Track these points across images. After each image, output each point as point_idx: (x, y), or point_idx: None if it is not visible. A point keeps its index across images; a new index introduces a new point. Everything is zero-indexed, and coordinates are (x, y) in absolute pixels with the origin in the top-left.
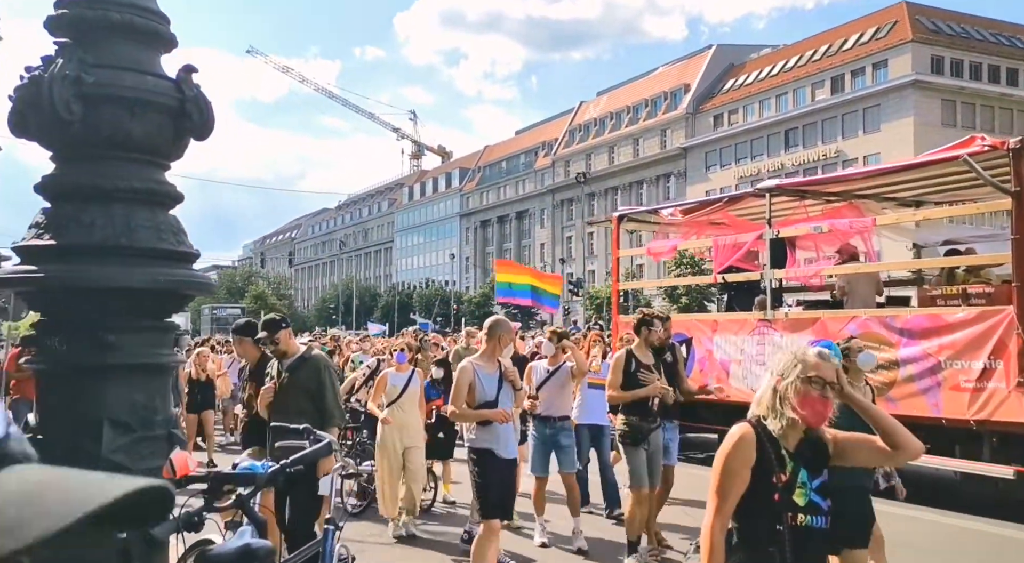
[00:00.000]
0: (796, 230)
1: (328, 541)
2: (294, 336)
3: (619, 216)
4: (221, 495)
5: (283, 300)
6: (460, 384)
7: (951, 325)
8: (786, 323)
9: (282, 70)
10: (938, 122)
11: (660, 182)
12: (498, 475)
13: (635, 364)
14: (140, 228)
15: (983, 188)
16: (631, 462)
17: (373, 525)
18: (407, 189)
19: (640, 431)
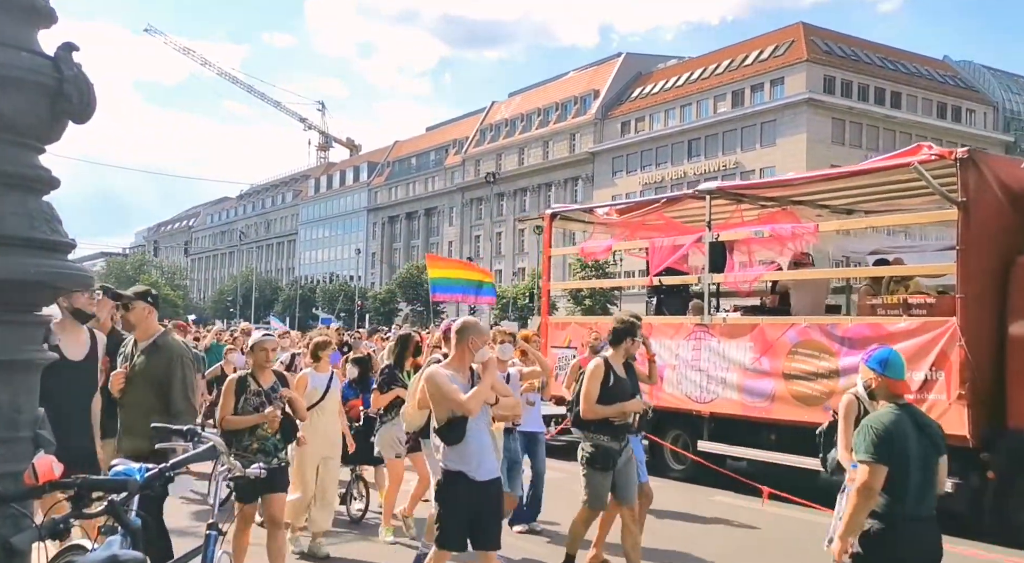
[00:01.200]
0: (736, 234)
1: (210, 547)
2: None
3: (552, 214)
4: (90, 502)
5: (178, 290)
6: (434, 396)
7: (893, 335)
8: (724, 328)
9: (183, 51)
10: (828, 139)
11: (568, 185)
12: (466, 500)
13: (612, 376)
14: (8, 215)
15: (918, 198)
16: (593, 485)
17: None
18: (313, 181)
19: (610, 455)
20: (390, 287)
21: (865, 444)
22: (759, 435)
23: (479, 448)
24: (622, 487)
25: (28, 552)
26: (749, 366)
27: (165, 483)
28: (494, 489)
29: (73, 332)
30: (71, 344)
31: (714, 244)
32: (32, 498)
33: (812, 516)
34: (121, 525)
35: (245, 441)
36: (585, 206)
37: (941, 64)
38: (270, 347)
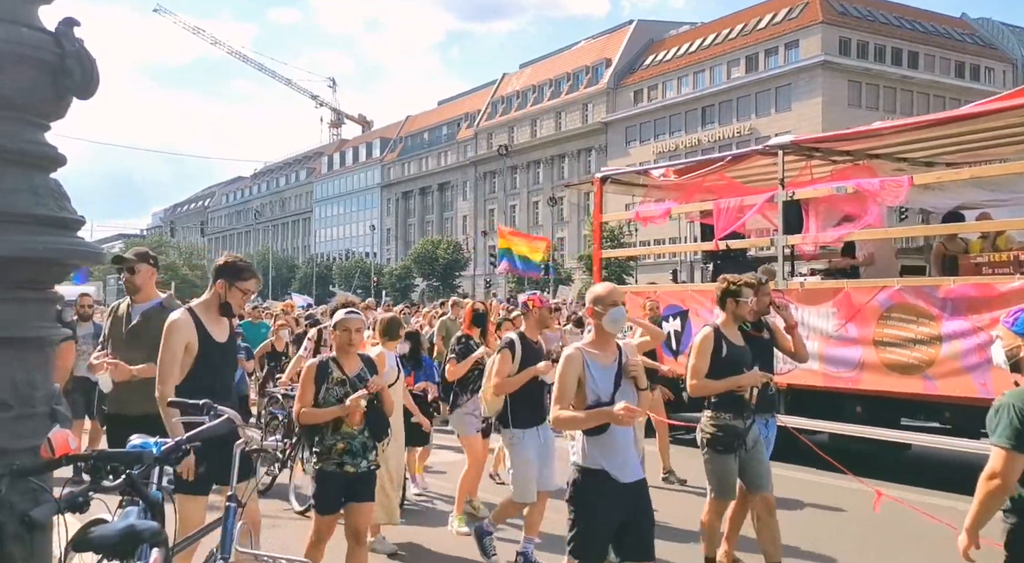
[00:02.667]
0: (815, 191)
1: (230, 518)
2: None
3: (602, 177)
4: (106, 475)
5: (195, 270)
6: (566, 378)
7: (1005, 296)
8: (802, 294)
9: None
10: (845, 102)
11: (581, 156)
12: (611, 505)
13: (725, 346)
14: (12, 191)
15: (1006, 148)
16: (717, 471)
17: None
18: (326, 158)
19: (734, 434)
20: (405, 263)
21: (1004, 426)
22: (842, 407)
23: (624, 442)
24: (752, 472)
25: (48, 525)
26: (832, 334)
27: (182, 456)
28: (643, 490)
29: (218, 318)
30: (216, 328)
31: (788, 203)
32: (49, 471)
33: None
34: (139, 497)
35: (328, 440)
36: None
37: (959, 22)
38: (355, 327)
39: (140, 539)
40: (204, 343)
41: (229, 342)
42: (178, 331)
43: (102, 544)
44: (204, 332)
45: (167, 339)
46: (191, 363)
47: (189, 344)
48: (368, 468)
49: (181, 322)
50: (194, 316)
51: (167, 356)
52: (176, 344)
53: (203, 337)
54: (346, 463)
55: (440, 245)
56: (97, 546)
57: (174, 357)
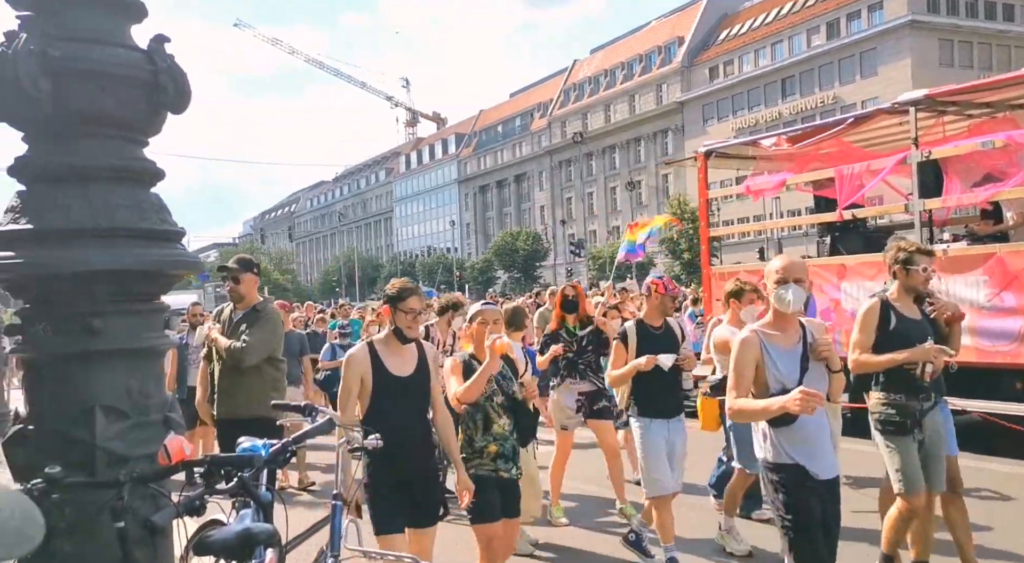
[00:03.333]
0: (956, 148)
1: (337, 516)
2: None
3: (706, 151)
4: (220, 479)
5: (286, 275)
6: (742, 363)
7: None
8: (946, 262)
9: (271, 42)
10: (936, 62)
11: (658, 138)
12: (817, 506)
13: (895, 318)
14: (120, 207)
15: None
16: (899, 458)
17: None
18: (404, 157)
19: (909, 413)
20: (486, 256)
21: None
22: (998, 384)
23: (817, 434)
24: (930, 466)
25: (169, 529)
26: (985, 304)
27: (289, 457)
28: (836, 490)
29: (400, 351)
30: (395, 361)
31: (924, 164)
32: (167, 477)
33: None
34: (252, 499)
35: (478, 442)
36: (744, 139)
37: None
38: (492, 319)
39: (256, 541)
40: (380, 377)
41: (414, 376)
42: (352, 365)
43: (222, 547)
44: (380, 366)
45: (343, 373)
46: (368, 399)
47: (364, 378)
48: (517, 475)
49: (355, 356)
50: (372, 350)
51: (342, 390)
52: (350, 378)
53: (378, 371)
54: (500, 468)
55: (519, 236)
56: (217, 549)
57: (348, 392)
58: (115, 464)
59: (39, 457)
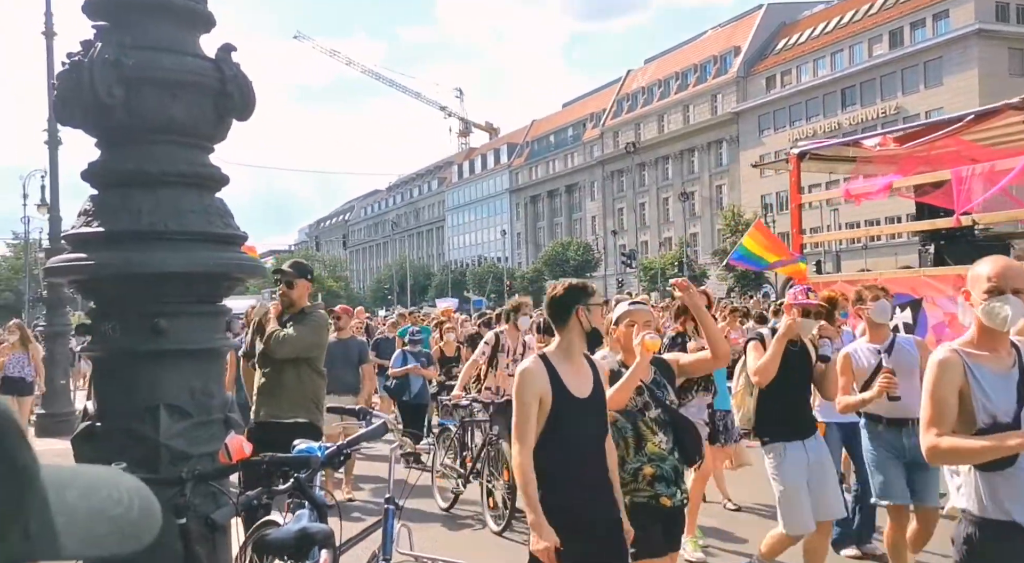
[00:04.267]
0: None
1: (389, 520)
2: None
3: (800, 153)
4: (277, 479)
5: (339, 282)
6: (941, 391)
7: None
8: None
9: (329, 54)
10: (1005, 72)
11: (712, 149)
12: None
13: None
14: (188, 212)
15: None
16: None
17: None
18: (456, 167)
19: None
20: (536, 266)
21: None
22: None
23: None
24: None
25: (228, 527)
26: None
27: (344, 460)
28: None
29: (578, 367)
30: (575, 380)
31: None
32: (227, 476)
33: None
34: (308, 500)
35: (631, 463)
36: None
37: None
38: (643, 320)
39: (313, 541)
40: (560, 398)
41: (594, 398)
42: (528, 383)
43: (281, 546)
44: (560, 384)
45: (517, 394)
46: (543, 423)
47: (543, 398)
48: (682, 501)
49: (532, 371)
50: (548, 364)
51: (520, 416)
52: (528, 398)
53: (559, 390)
54: (660, 493)
55: (570, 247)
56: (276, 548)
57: (527, 418)
58: (178, 461)
59: (105, 453)
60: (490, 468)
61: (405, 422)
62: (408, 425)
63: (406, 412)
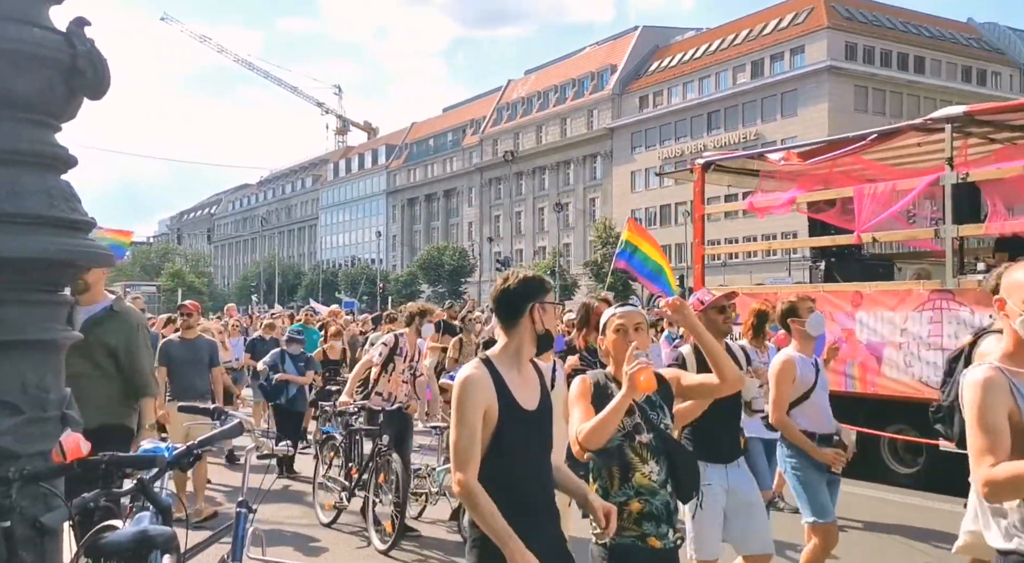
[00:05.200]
0: (1001, 171)
1: (241, 524)
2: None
3: (705, 163)
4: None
5: (202, 277)
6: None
7: None
8: (983, 294)
9: (199, 39)
10: (851, 107)
11: (587, 162)
12: None
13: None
14: (27, 193)
15: None
16: None
17: (292, 507)
18: (332, 165)
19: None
20: (411, 269)
21: None
22: None
23: None
24: None
25: (60, 531)
26: None
27: (194, 460)
28: None
29: (524, 376)
30: (522, 390)
31: (960, 187)
32: (61, 476)
33: None
34: (151, 502)
35: (616, 496)
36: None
37: (965, 26)
38: (633, 323)
39: (153, 545)
40: (506, 411)
41: (541, 410)
42: (471, 392)
43: (116, 550)
44: (506, 393)
45: (457, 406)
46: (487, 441)
47: (487, 411)
48: (674, 543)
49: (476, 379)
50: (492, 370)
51: (461, 432)
52: (471, 410)
53: (504, 401)
54: (649, 533)
55: (446, 251)
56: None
57: (471, 431)
58: (5, 460)
59: None
60: (377, 481)
61: (279, 427)
62: (282, 430)
63: (281, 417)
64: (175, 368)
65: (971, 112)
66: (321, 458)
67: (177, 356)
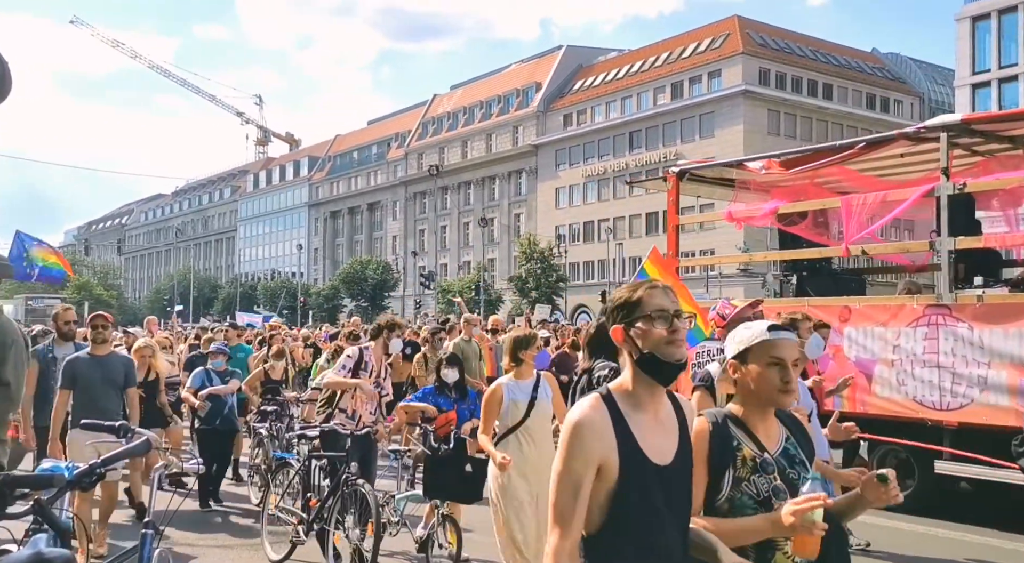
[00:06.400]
0: (999, 181)
1: (147, 545)
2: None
3: (679, 172)
4: (12, 501)
5: (111, 290)
6: None
7: None
8: (981, 310)
9: (112, 44)
10: (765, 130)
11: (512, 178)
12: None
13: None
14: None
15: None
16: None
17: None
18: (252, 176)
19: None
20: (333, 283)
21: None
22: None
23: None
24: None
25: None
26: None
27: (97, 480)
28: None
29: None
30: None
31: (956, 198)
32: None
33: None
34: (48, 524)
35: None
36: (729, 160)
37: (870, 56)
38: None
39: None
40: (630, 463)
41: (679, 464)
42: (586, 438)
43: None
44: (630, 442)
45: (565, 453)
46: (605, 502)
47: (604, 465)
48: None
49: (591, 421)
50: (612, 409)
51: (564, 487)
52: (580, 460)
53: (629, 451)
54: None
55: (369, 265)
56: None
57: (576, 486)
58: None
59: None
60: (340, 515)
61: (202, 448)
62: (208, 452)
63: (207, 439)
64: (84, 389)
65: (967, 120)
66: (273, 487)
67: (85, 376)
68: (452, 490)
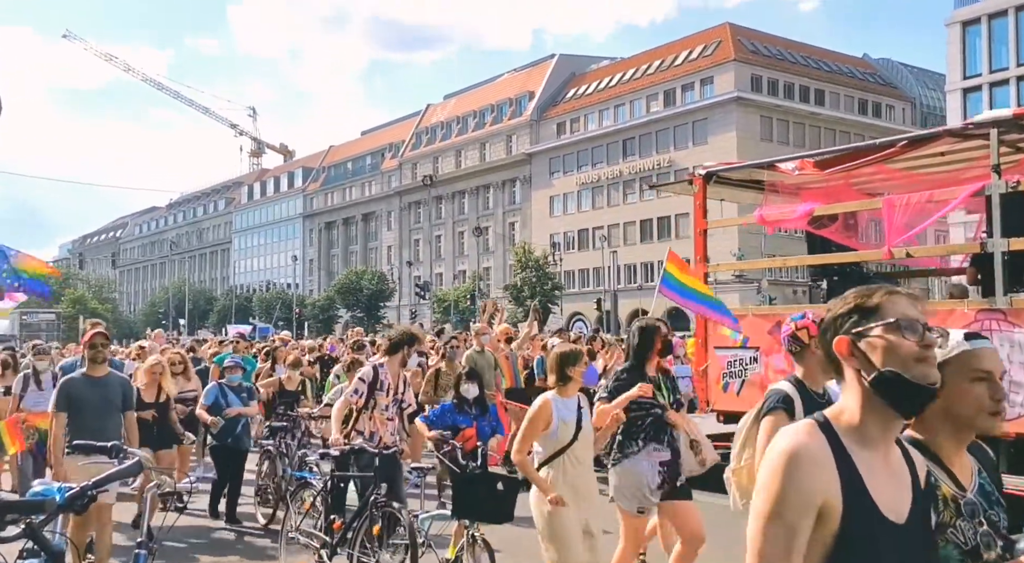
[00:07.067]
0: None
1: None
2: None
3: (706, 174)
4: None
5: (106, 304)
6: None
7: None
8: None
9: (105, 58)
10: (757, 136)
11: (506, 186)
12: None
13: None
14: None
15: None
16: None
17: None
18: (246, 188)
19: None
20: (329, 294)
21: None
22: None
23: None
24: None
25: None
26: None
27: (88, 502)
28: None
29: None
30: (879, 477)
31: (1011, 196)
32: None
33: None
34: (41, 548)
35: None
36: (759, 161)
37: (860, 62)
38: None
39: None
40: (857, 516)
41: (915, 519)
42: (800, 475)
43: None
44: (858, 489)
45: (775, 490)
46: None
47: (825, 510)
48: None
49: (807, 452)
50: (834, 442)
51: (772, 531)
52: (792, 506)
53: (856, 500)
54: None
55: (364, 276)
56: None
57: (790, 534)
58: None
59: None
60: (366, 539)
61: (220, 470)
62: (223, 472)
63: (219, 456)
64: (79, 412)
65: (1018, 115)
66: (293, 508)
67: (81, 398)
68: (483, 510)
